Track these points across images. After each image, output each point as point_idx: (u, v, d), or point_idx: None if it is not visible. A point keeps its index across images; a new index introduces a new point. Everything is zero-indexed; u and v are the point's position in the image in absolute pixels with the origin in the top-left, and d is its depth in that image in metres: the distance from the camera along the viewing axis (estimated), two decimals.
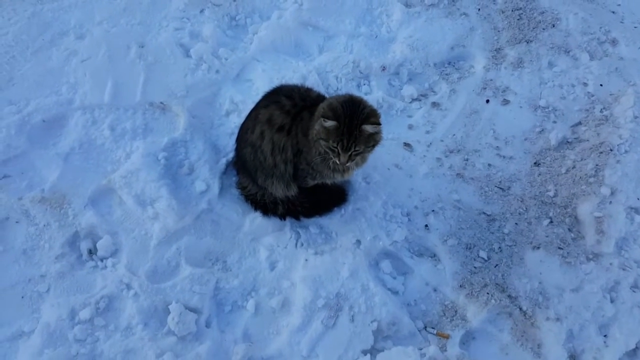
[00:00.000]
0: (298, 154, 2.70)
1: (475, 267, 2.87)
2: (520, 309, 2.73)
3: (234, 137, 3.17)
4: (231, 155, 3.13)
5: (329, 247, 2.89)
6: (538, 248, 2.89)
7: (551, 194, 3.09)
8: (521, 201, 3.08)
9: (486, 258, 2.89)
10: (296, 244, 2.91)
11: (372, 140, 2.48)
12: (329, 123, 2.39)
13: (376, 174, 3.13)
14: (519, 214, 3.04)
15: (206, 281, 2.75)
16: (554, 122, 3.40)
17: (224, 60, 3.49)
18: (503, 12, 3.95)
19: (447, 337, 2.68)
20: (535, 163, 3.23)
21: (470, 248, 2.93)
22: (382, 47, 3.75)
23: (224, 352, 2.57)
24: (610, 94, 3.47)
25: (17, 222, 2.84)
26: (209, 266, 2.84)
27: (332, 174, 2.71)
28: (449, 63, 3.74)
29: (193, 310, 2.65)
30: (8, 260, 2.73)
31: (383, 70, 3.57)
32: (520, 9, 3.94)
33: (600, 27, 3.80)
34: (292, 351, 2.57)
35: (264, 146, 2.70)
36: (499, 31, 3.85)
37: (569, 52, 3.70)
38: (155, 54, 3.45)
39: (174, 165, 3.09)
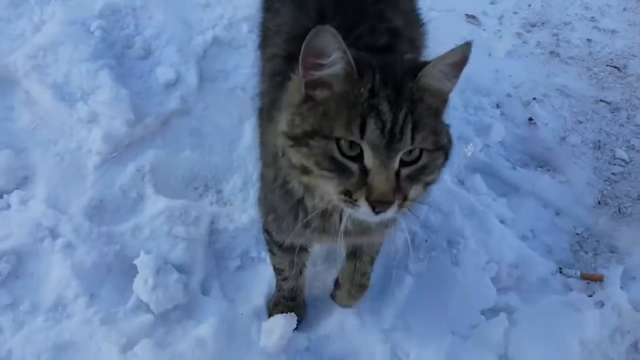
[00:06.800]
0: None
1: (614, 174, 1.87)
2: None
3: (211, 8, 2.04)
4: (209, 34, 1.96)
5: None
6: None
7: None
8: None
9: (627, 159, 1.90)
10: None
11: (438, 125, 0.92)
12: (333, 67, 0.88)
13: (438, 47, 2.05)
14: None
15: (194, 219, 1.56)
16: None
17: None
18: None
19: (601, 279, 1.66)
20: None
21: (599, 147, 1.92)
22: None
23: (241, 332, 1.41)
24: None
25: None
26: (196, 198, 1.65)
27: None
28: None
29: (178, 267, 1.46)
30: None
31: None
32: None
33: None
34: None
35: None
36: None
37: None
38: None
39: (118, 44, 1.88)
